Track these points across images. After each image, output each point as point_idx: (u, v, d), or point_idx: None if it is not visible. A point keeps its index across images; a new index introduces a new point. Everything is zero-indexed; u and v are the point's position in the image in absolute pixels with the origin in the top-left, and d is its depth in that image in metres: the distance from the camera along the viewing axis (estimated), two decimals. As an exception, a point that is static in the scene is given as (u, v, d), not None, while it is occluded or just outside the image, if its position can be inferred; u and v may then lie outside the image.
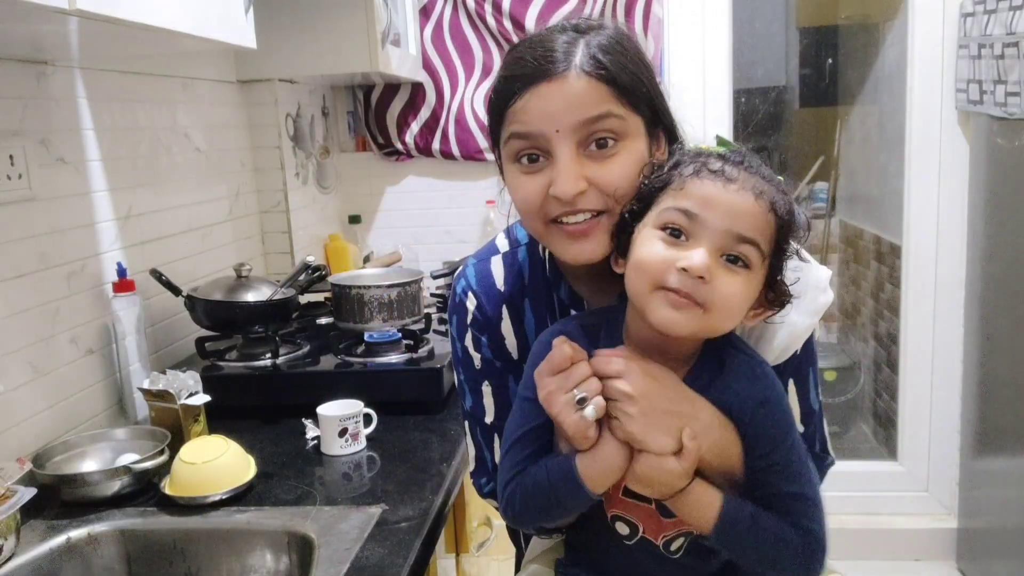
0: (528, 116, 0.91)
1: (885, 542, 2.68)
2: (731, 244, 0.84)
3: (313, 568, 1.08)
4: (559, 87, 0.90)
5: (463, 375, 1.11)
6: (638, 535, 0.96)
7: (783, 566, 0.91)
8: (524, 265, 1.09)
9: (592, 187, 0.92)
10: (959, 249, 2.57)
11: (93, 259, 1.56)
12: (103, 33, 1.19)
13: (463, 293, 1.10)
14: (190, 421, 1.45)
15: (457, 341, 1.10)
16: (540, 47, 0.92)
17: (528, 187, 0.94)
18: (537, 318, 1.07)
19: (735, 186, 0.85)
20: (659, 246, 0.86)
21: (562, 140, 0.91)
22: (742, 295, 0.86)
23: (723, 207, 0.84)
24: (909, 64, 2.56)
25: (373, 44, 2.06)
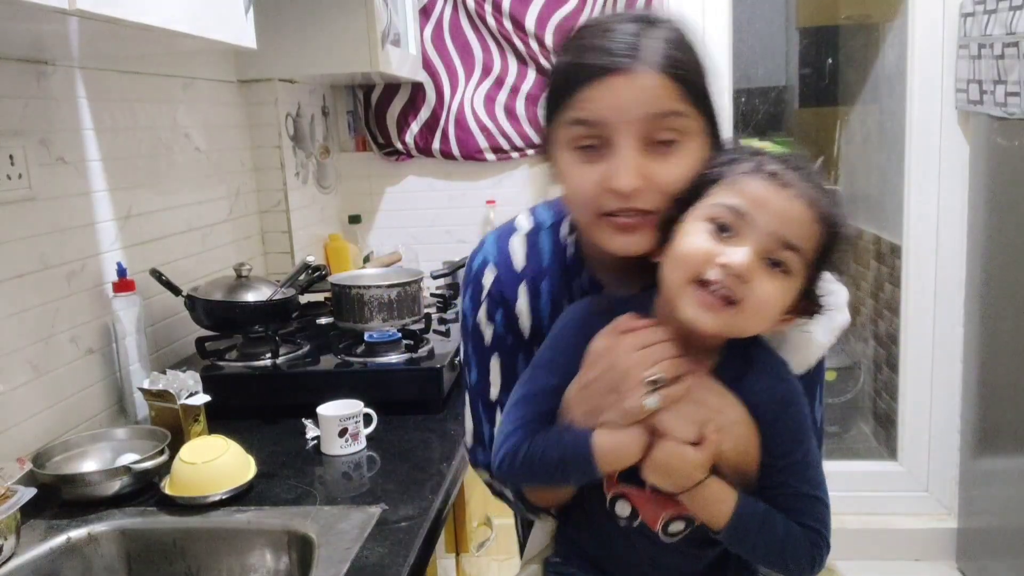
0: (596, 105, 0.90)
1: (885, 542, 2.68)
2: (776, 248, 0.84)
3: (313, 568, 1.08)
4: (631, 81, 0.88)
5: (471, 348, 1.09)
6: (637, 519, 0.96)
7: (787, 563, 0.92)
8: (545, 248, 1.07)
9: (649, 185, 0.90)
10: (959, 249, 2.57)
11: (93, 259, 1.56)
12: (103, 33, 1.19)
13: (481, 267, 1.08)
14: (190, 421, 1.45)
15: (469, 314, 1.08)
16: (611, 37, 0.91)
17: (584, 177, 0.92)
18: (553, 302, 1.06)
19: (789, 191, 0.85)
20: (703, 238, 0.85)
21: (626, 133, 0.89)
22: (778, 300, 0.86)
23: (774, 210, 0.84)
24: (909, 64, 2.56)
25: (373, 44, 2.06)
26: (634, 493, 0.94)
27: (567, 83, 0.92)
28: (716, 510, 0.89)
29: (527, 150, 2.65)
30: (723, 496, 0.89)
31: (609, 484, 0.96)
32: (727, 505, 0.89)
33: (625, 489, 0.95)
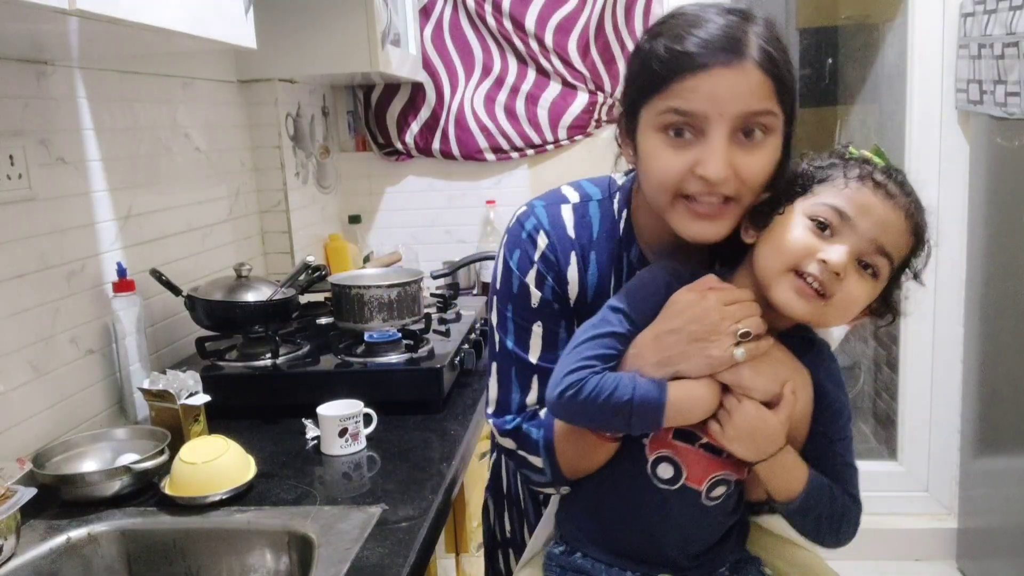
0: (696, 96, 0.91)
1: (885, 542, 2.68)
2: (870, 252, 0.91)
3: (313, 568, 1.08)
4: (735, 76, 0.91)
5: (512, 311, 1.08)
6: (680, 480, 0.97)
7: (839, 534, 1.00)
8: (594, 219, 1.08)
9: (734, 175, 0.93)
10: (959, 249, 2.57)
11: (93, 259, 1.56)
12: (103, 33, 1.19)
13: (534, 230, 1.07)
14: (190, 421, 1.45)
15: (517, 275, 1.07)
16: (713, 28, 0.92)
17: (671, 161, 0.94)
18: (600, 273, 1.07)
19: (893, 203, 0.92)
20: (805, 233, 0.91)
21: (721, 124, 0.92)
22: (863, 300, 0.93)
23: (876, 217, 0.90)
24: (909, 64, 2.56)
25: (373, 44, 2.06)
26: (686, 450, 0.97)
27: (665, 69, 0.93)
28: (791, 479, 0.94)
29: (527, 150, 2.65)
30: (798, 466, 0.95)
31: (654, 445, 0.98)
32: (801, 475, 0.95)
33: (678, 446, 0.97)
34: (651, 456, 0.98)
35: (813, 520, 0.98)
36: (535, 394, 1.08)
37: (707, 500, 0.99)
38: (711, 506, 1.00)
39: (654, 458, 0.98)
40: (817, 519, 0.98)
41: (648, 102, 0.95)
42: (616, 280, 1.07)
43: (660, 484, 0.98)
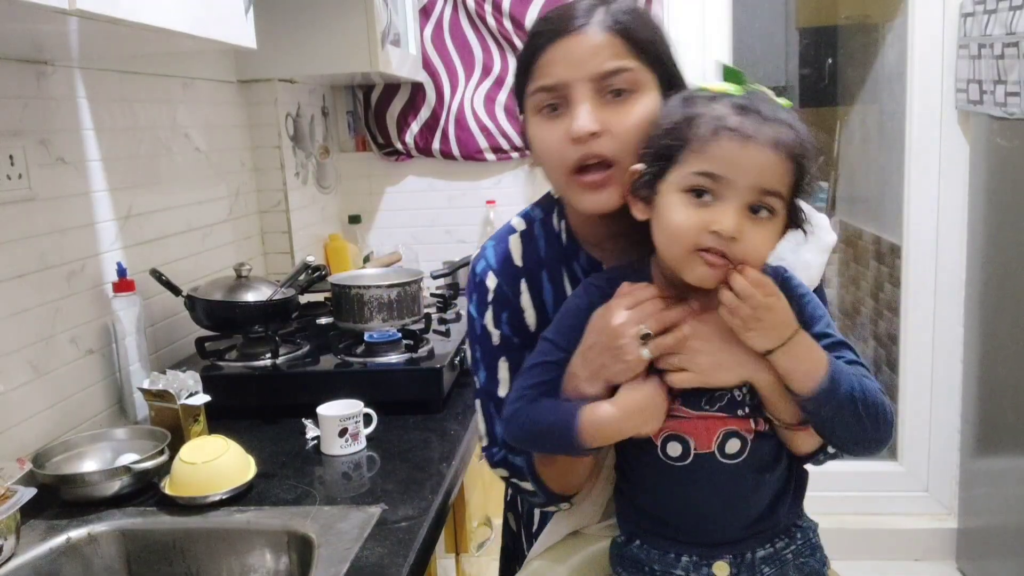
0: (551, 67, 0.98)
1: (885, 542, 2.68)
2: (756, 198, 0.88)
3: (313, 568, 1.08)
4: (580, 39, 0.97)
5: (479, 352, 1.13)
6: (691, 452, 0.96)
7: (879, 425, 0.94)
8: (540, 240, 1.12)
9: (606, 132, 0.96)
10: (959, 249, 2.57)
11: (93, 259, 1.56)
12: (103, 33, 1.19)
13: (483, 273, 1.13)
14: (190, 421, 1.45)
15: (477, 319, 1.13)
16: (565, 9, 1.00)
17: (549, 134, 0.99)
18: (555, 288, 1.11)
19: (755, 143, 0.88)
20: (688, 211, 0.90)
21: (581, 86, 0.97)
22: (770, 243, 0.91)
23: (746, 166, 0.88)
24: (909, 64, 2.56)
25: (373, 44, 2.06)
26: (682, 423, 0.96)
27: (527, 56, 1.01)
28: (814, 360, 0.91)
29: (527, 150, 2.65)
30: (815, 347, 0.92)
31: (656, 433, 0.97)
32: (821, 354, 0.91)
33: (673, 422, 0.96)
34: (657, 440, 0.97)
35: (849, 405, 0.91)
36: None
37: (725, 459, 0.96)
38: (733, 465, 0.96)
39: (661, 440, 0.97)
40: (853, 403, 0.91)
41: (525, 92, 1.02)
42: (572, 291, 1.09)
43: (675, 463, 0.97)
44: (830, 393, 0.91)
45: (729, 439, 0.96)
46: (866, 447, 0.97)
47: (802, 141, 0.90)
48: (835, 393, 0.91)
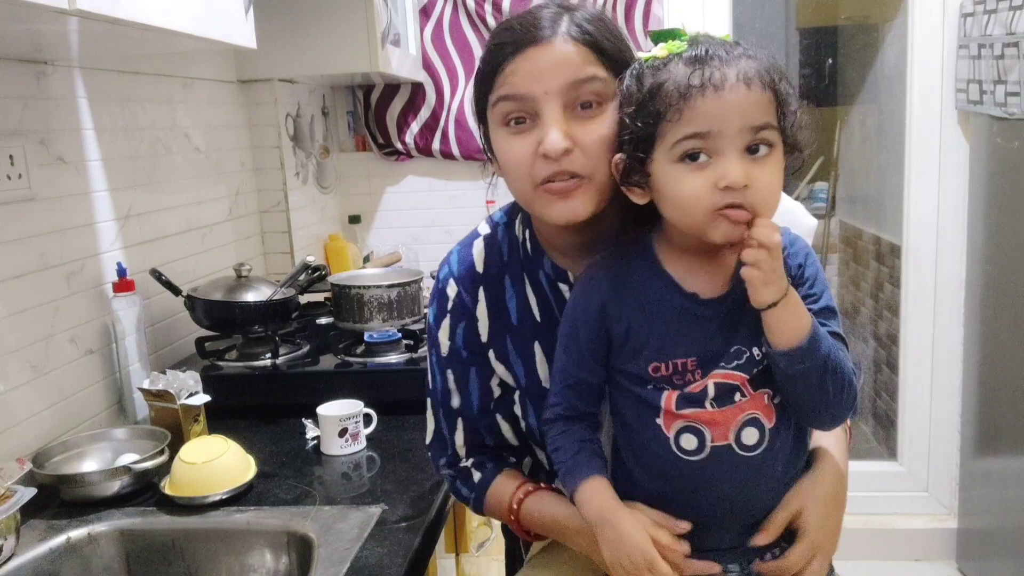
0: (517, 79, 0.95)
1: (885, 542, 2.68)
2: (751, 138, 0.87)
3: (313, 568, 1.08)
4: (547, 50, 0.94)
5: (433, 358, 1.15)
6: (707, 444, 0.94)
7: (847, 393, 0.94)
8: (503, 245, 1.12)
9: (577, 148, 0.95)
10: (959, 249, 2.57)
11: (93, 259, 1.56)
12: (103, 33, 1.19)
13: (445, 280, 1.13)
14: (190, 421, 1.45)
15: (433, 326, 1.13)
16: (528, 17, 0.97)
17: (517, 148, 0.97)
18: (518, 295, 1.10)
19: (726, 87, 0.86)
20: (691, 177, 0.88)
21: (550, 101, 0.94)
22: (778, 177, 0.90)
23: (728, 112, 0.86)
24: (909, 64, 2.56)
25: (373, 44, 2.06)
26: (699, 412, 0.94)
27: (490, 64, 0.98)
28: (799, 320, 0.90)
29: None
30: (802, 306, 0.91)
31: (668, 419, 0.95)
32: (806, 316, 0.91)
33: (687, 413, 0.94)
34: (670, 433, 0.94)
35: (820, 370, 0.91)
36: (461, 436, 1.14)
37: (744, 451, 0.93)
38: (753, 457, 0.94)
39: (674, 433, 0.94)
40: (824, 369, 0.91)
41: (487, 103, 0.99)
42: (537, 298, 1.09)
43: (690, 457, 0.94)
44: (807, 353, 0.90)
45: (746, 428, 0.94)
46: (823, 416, 0.96)
47: (768, 66, 0.89)
48: (812, 354, 0.90)
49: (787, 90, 0.90)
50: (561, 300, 1.08)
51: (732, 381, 0.93)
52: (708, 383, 0.93)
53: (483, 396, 1.12)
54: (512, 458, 1.16)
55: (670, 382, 0.94)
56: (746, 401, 0.93)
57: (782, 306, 0.89)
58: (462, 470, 1.14)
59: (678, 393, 0.94)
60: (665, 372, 0.94)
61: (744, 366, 0.93)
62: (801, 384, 0.92)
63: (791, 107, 0.90)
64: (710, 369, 0.93)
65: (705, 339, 0.94)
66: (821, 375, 0.91)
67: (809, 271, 0.96)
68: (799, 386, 0.92)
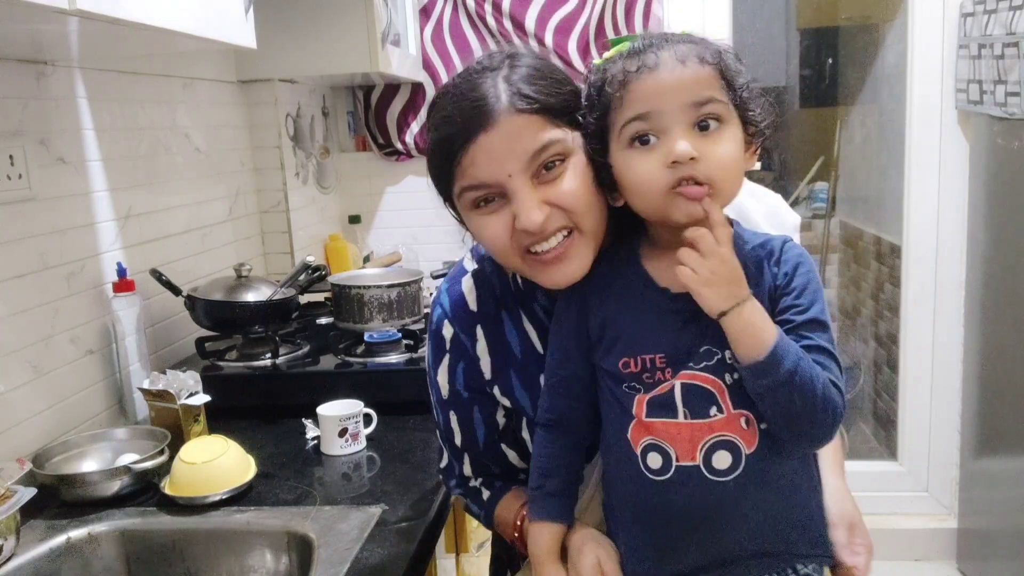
0: (476, 169, 0.93)
1: (885, 542, 2.68)
2: (695, 114, 0.87)
3: (313, 568, 1.08)
4: (497, 133, 0.91)
5: (434, 399, 1.14)
6: (672, 466, 0.90)
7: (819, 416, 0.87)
8: (493, 278, 1.10)
9: (553, 209, 0.93)
10: (959, 249, 2.57)
11: (93, 259, 1.56)
12: (103, 33, 1.19)
13: (439, 321, 1.11)
14: (190, 421, 1.45)
15: (432, 369, 1.12)
16: (465, 99, 0.93)
17: (494, 227, 0.95)
18: (517, 329, 1.08)
19: (661, 68, 0.87)
20: (641, 159, 0.88)
21: (514, 180, 0.92)
22: (733, 150, 0.89)
23: (666, 90, 0.87)
24: (909, 64, 2.56)
25: (373, 44, 2.06)
26: (665, 426, 0.91)
27: (445, 157, 0.95)
28: (759, 332, 0.86)
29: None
30: (764, 319, 0.87)
31: (636, 433, 0.92)
32: (771, 327, 0.87)
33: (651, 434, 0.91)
34: (638, 449, 0.92)
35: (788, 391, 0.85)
36: (468, 467, 1.14)
37: (713, 475, 0.88)
38: (724, 483, 0.88)
39: (640, 450, 0.92)
40: (791, 389, 0.85)
41: (452, 189, 0.97)
42: (537, 330, 1.08)
43: (656, 477, 0.91)
44: (767, 368, 0.85)
45: (718, 450, 0.89)
46: (797, 435, 0.89)
47: (706, 45, 0.89)
48: (772, 369, 0.85)
49: (733, 65, 0.90)
50: None
51: (701, 383, 0.90)
52: (675, 383, 0.90)
53: (488, 432, 1.12)
54: (523, 475, 1.15)
55: (640, 380, 0.92)
56: (720, 419, 0.89)
57: (735, 316, 0.86)
58: (472, 490, 1.14)
59: (648, 397, 0.91)
60: (635, 368, 0.92)
61: (715, 368, 0.90)
62: (769, 401, 0.87)
63: (738, 81, 0.90)
64: (679, 369, 0.91)
65: (674, 335, 0.92)
66: (787, 392, 0.86)
67: (798, 280, 0.92)
68: (767, 403, 0.88)
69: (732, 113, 0.89)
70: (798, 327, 0.90)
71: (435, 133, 0.97)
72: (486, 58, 0.97)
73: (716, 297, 0.87)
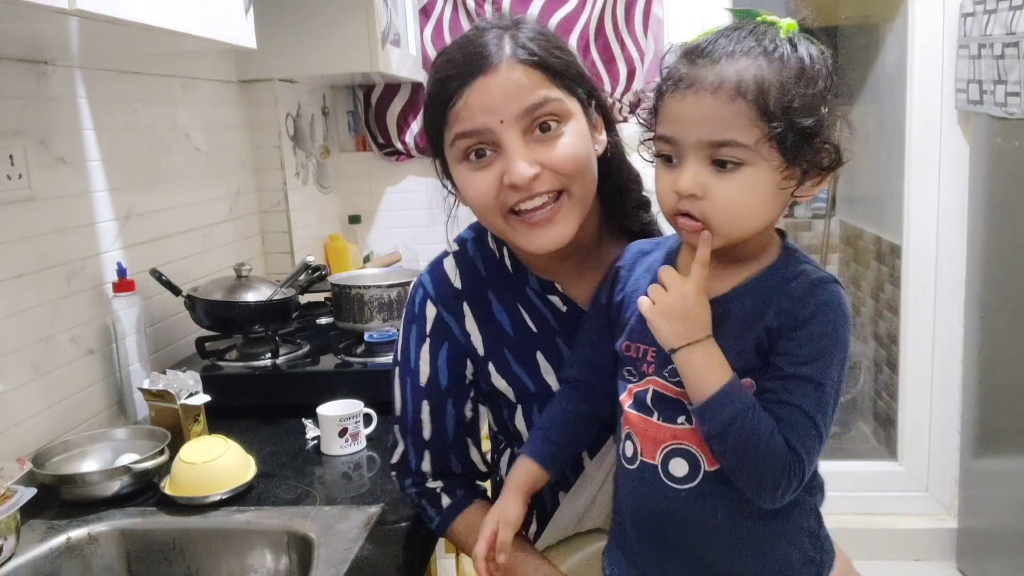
0: (470, 112, 0.93)
1: (885, 542, 2.68)
2: (710, 152, 0.82)
3: (313, 568, 1.08)
4: (495, 78, 0.92)
5: (408, 386, 1.11)
6: (638, 458, 0.91)
7: (757, 474, 0.84)
8: (476, 260, 1.10)
9: (544, 169, 0.94)
10: (959, 249, 2.57)
11: (93, 259, 1.56)
12: (103, 33, 1.19)
13: (422, 302, 1.10)
14: (190, 421, 1.45)
15: (412, 351, 1.10)
16: (469, 45, 0.95)
17: (481, 182, 0.96)
18: (508, 309, 1.08)
19: (693, 93, 0.82)
20: (662, 174, 0.87)
21: (508, 129, 0.93)
22: (742, 196, 0.83)
23: (686, 121, 0.83)
24: (909, 64, 2.56)
25: (373, 44, 2.06)
26: (638, 420, 0.91)
27: (439, 101, 0.95)
28: (708, 375, 0.83)
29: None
30: (719, 364, 0.84)
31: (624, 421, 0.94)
32: (720, 375, 0.83)
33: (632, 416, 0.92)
34: (622, 434, 0.94)
35: (725, 440, 0.83)
36: (428, 463, 1.12)
37: (668, 480, 0.88)
38: (679, 491, 0.88)
39: (623, 436, 0.93)
40: (727, 438, 0.82)
41: (443, 139, 0.97)
42: (529, 312, 1.08)
43: (628, 466, 0.92)
44: (708, 414, 0.83)
45: (675, 457, 0.88)
46: (742, 484, 0.86)
47: (762, 75, 0.81)
48: (710, 417, 0.83)
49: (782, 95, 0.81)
50: (554, 310, 1.08)
51: (670, 395, 0.89)
52: (650, 387, 0.91)
53: (457, 425, 1.12)
54: (480, 484, 1.17)
55: (634, 368, 0.93)
56: (686, 429, 0.88)
57: (683, 354, 0.84)
58: (429, 491, 1.13)
59: (635, 389, 0.93)
60: (632, 353, 0.93)
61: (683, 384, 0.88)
62: (715, 446, 0.85)
63: (796, 109, 0.81)
64: (658, 371, 0.90)
65: None
66: (721, 443, 0.83)
67: (811, 329, 0.84)
68: (711, 447, 0.85)
69: (758, 154, 0.82)
70: (783, 378, 0.85)
71: (434, 74, 0.97)
72: (495, 18, 0.99)
73: (667, 331, 0.85)
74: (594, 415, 1.01)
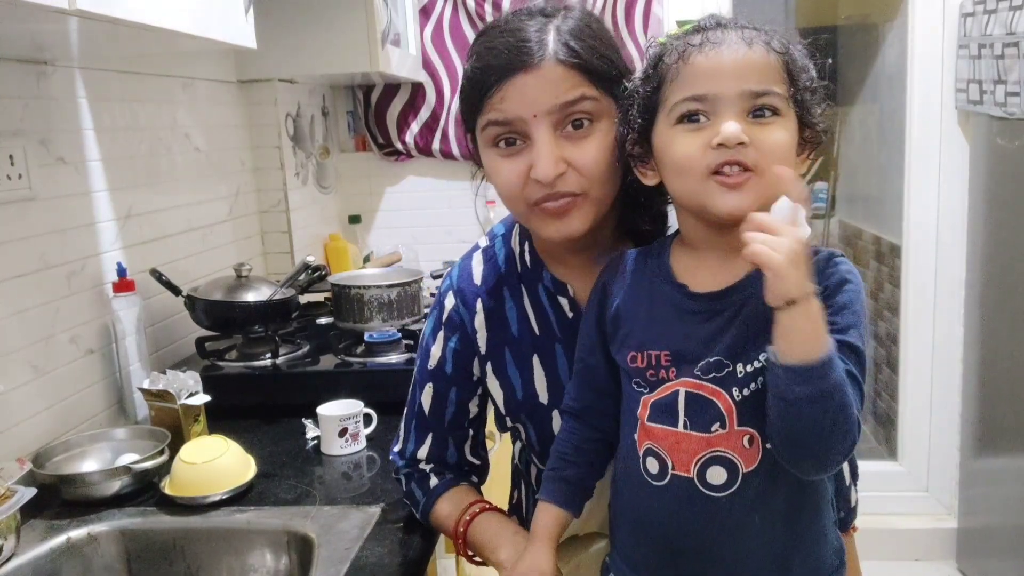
0: (506, 104, 0.94)
1: (885, 542, 2.68)
2: (751, 102, 0.83)
3: (313, 568, 1.08)
4: (535, 76, 0.93)
5: (418, 366, 1.16)
6: (668, 473, 0.88)
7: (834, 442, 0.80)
8: (499, 256, 1.12)
9: (570, 168, 0.94)
10: (959, 249, 2.57)
11: (93, 259, 1.56)
12: (103, 33, 1.19)
13: (444, 292, 1.13)
14: (190, 421, 1.45)
15: (429, 337, 1.14)
16: (512, 36, 0.95)
17: (508, 171, 0.97)
18: (518, 307, 1.10)
19: (725, 47, 0.83)
20: (687, 138, 0.85)
21: (539, 123, 0.94)
22: (785, 142, 0.84)
23: (725, 72, 0.83)
24: (909, 64, 2.56)
25: (373, 44, 2.06)
26: (664, 434, 0.88)
27: (479, 88, 0.96)
28: (819, 334, 0.77)
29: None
30: (823, 320, 0.78)
31: (641, 436, 0.90)
32: (827, 335, 0.78)
33: (650, 440, 0.89)
34: (641, 450, 0.90)
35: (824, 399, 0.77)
36: (427, 449, 1.14)
37: (707, 489, 0.86)
38: (719, 499, 0.86)
39: (643, 452, 0.90)
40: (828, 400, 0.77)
41: (476, 121, 0.99)
42: (536, 312, 1.09)
43: (655, 482, 0.89)
44: (816, 375, 0.77)
45: (713, 465, 0.86)
46: (804, 455, 0.82)
47: (774, 34, 0.85)
48: (820, 378, 0.77)
49: (800, 60, 0.86)
50: (560, 314, 1.08)
51: (707, 395, 0.86)
52: (680, 390, 0.87)
53: (457, 414, 1.13)
54: (474, 477, 1.18)
55: (645, 378, 0.90)
56: (721, 435, 0.86)
57: (802, 308, 0.76)
58: (420, 472, 1.15)
59: (652, 399, 0.89)
60: (641, 363, 0.90)
61: (723, 381, 0.85)
62: (795, 411, 0.78)
63: (803, 78, 0.85)
64: (683, 372, 0.87)
65: (684, 334, 0.88)
66: (823, 407, 0.78)
67: (841, 297, 0.84)
68: (791, 413, 0.79)
69: (790, 110, 0.85)
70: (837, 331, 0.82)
71: (475, 60, 0.98)
72: (545, 4, 0.99)
73: (795, 280, 0.76)
74: (603, 440, 1.00)
